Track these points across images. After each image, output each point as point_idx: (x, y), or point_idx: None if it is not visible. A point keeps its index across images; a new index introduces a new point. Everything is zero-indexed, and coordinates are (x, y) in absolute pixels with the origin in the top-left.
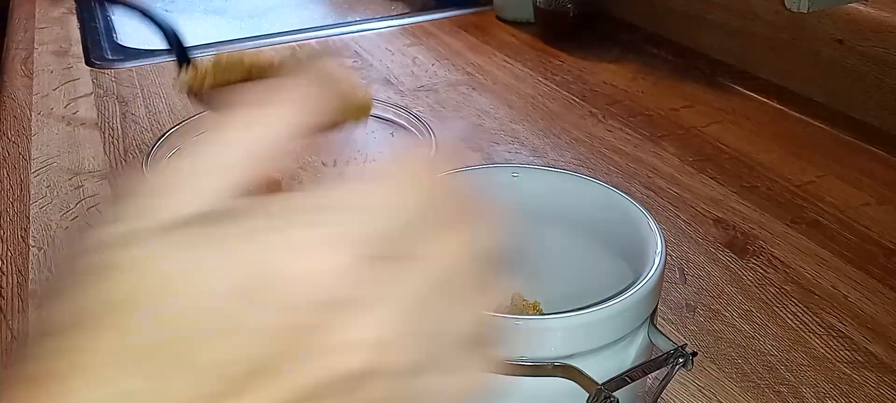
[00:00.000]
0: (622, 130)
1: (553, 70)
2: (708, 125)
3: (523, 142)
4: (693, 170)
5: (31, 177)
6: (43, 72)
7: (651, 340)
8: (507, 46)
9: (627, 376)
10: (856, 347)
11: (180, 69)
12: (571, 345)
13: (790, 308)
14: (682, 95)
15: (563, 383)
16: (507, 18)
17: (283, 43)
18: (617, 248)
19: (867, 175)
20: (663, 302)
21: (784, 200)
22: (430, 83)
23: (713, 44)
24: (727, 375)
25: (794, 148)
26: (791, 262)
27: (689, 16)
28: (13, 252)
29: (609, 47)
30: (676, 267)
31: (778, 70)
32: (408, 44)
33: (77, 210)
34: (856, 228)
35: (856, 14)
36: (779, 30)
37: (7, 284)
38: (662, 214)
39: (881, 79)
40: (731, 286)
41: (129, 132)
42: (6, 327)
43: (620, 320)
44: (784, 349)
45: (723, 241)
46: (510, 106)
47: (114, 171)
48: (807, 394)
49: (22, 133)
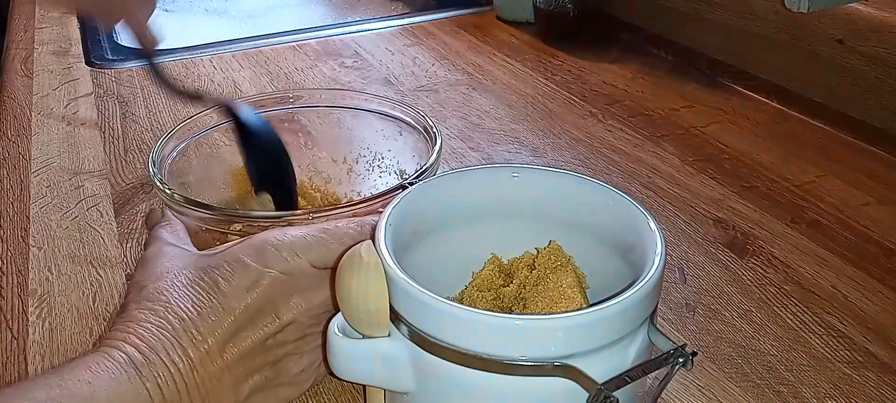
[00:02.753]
0: (622, 130)
1: (553, 70)
2: (708, 125)
3: (523, 142)
4: (693, 170)
5: (31, 176)
6: (43, 72)
7: (651, 340)
8: (507, 46)
9: (627, 376)
10: (856, 347)
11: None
12: (571, 345)
13: (790, 308)
14: (682, 95)
15: (563, 383)
16: (507, 18)
17: (283, 43)
18: (617, 248)
19: (867, 175)
20: (663, 302)
21: (784, 200)
22: (430, 83)
23: (713, 44)
24: (727, 375)
25: (794, 148)
26: (791, 262)
27: (689, 16)
28: (13, 252)
29: (609, 47)
30: (676, 267)
31: (778, 70)
32: (408, 44)
33: (77, 210)
34: (856, 228)
35: (856, 14)
36: (779, 30)
37: (7, 284)
38: (662, 214)
39: (881, 79)
40: (731, 286)
41: (129, 132)
42: (6, 327)
43: (620, 320)
44: (784, 349)
45: (723, 241)
46: (510, 106)
47: (114, 171)
48: (807, 394)
49: (22, 133)
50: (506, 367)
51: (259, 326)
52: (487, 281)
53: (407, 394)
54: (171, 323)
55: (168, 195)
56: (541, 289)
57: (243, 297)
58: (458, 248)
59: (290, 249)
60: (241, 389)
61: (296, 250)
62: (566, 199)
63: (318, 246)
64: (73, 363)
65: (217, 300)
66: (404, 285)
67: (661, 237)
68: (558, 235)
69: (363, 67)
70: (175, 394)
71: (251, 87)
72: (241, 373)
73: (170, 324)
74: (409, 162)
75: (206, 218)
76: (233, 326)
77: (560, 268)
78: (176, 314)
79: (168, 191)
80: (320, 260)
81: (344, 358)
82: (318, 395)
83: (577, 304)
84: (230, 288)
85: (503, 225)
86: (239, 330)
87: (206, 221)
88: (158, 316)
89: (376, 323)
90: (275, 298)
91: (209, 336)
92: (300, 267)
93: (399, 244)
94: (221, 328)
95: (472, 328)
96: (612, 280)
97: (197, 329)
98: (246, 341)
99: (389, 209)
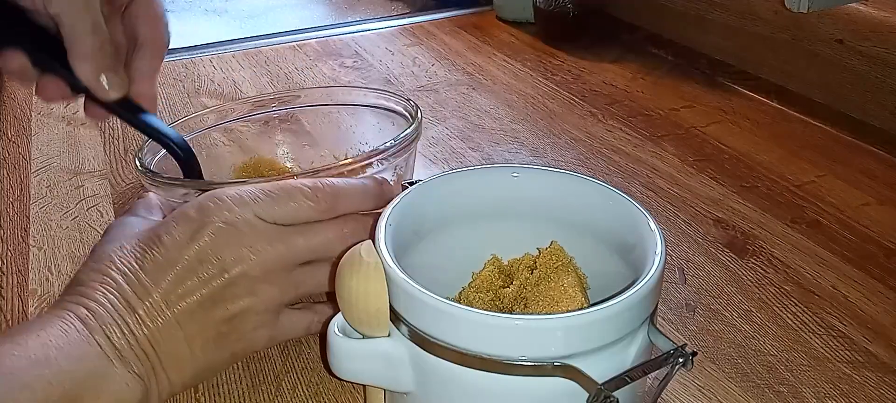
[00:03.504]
0: (622, 130)
1: (553, 70)
2: (708, 125)
3: (523, 142)
4: (693, 170)
5: (31, 176)
6: None
7: (651, 340)
8: (507, 46)
9: (627, 376)
10: (856, 347)
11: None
12: (571, 345)
13: (790, 308)
14: (682, 95)
15: (563, 383)
16: (507, 18)
17: (283, 43)
18: (617, 248)
19: (867, 175)
20: (663, 302)
21: (784, 200)
22: (430, 83)
23: (713, 44)
24: (727, 375)
25: (794, 148)
26: (791, 262)
27: (689, 16)
28: (13, 252)
29: (609, 47)
30: (676, 267)
31: (778, 70)
32: (408, 44)
33: (77, 210)
34: (856, 228)
35: (856, 14)
36: (779, 30)
37: (7, 284)
38: (662, 214)
39: (881, 79)
40: (731, 286)
41: (130, 132)
42: (6, 327)
43: (620, 320)
44: (784, 349)
45: (723, 241)
46: (510, 106)
47: (114, 171)
48: (807, 394)
49: (22, 133)
50: (506, 367)
51: (204, 278)
52: (487, 282)
53: (407, 394)
54: (115, 279)
55: (142, 172)
56: (542, 289)
57: (185, 248)
58: (457, 248)
59: (236, 200)
60: (194, 343)
61: (241, 201)
62: (566, 199)
63: (265, 199)
64: (26, 325)
65: (159, 253)
66: (404, 285)
67: (661, 237)
68: (558, 235)
69: (363, 67)
70: (126, 346)
71: (251, 87)
72: (194, 328)
73: (114, 281)
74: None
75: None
76: (176, 278)
77: (561, 269)
78: (119, 270)
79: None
80: (268, 213)
81: (344, 358)
82: (318, 395)
83: (579, 304)
84: (172, 240)
85: (503, 225)
86: (182, 281)
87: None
88: (102, 274)
89: (376, 323)
90: (219, 249)
91: (153, 290)
92: (246, 218)
93: (399, 244)
94: (165, 280)
95: (472, 328)
96: (613, 280)
97: (140, 282)
98: (193, 294)
99: (389, 209)
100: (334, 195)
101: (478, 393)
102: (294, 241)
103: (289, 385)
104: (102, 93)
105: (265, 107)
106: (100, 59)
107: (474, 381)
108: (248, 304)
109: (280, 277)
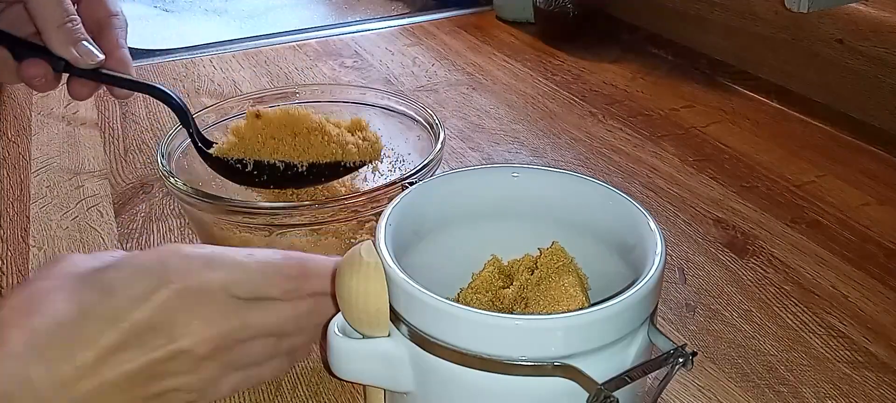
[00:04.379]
0: (622, 130)
1: (553, 70)
2: (708, 125)
3: (523, 142)
4: (693, 170)
5: (31, 177)
6: None
7: (651, 340)
8: (507, 46)
9: (627, 376)
10: (856, 347)
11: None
12: (571, 345)
13: (790, 308)
14: (682, 95)
15: (563, 383)
16: (507, 18)
17: (283, 43)
18: (617, 248)
19: (867, 175)
20: (663, 302)
21: (784, 200)
22: (430, 83)
23: (713, 44)
24: (727, 375)
25: (794, 148)
26: (791, 262)
27: (689, 16)
28: (13, 252)
29: (609, 47)
30: (676, 267)
31: (778, 70)
32: (408, 44)
33: (77, 210)
34: (856, 228)
35: (856, 14)
36: (779, 30)
37: (7, 284)
38: (662, 214)
39: (881, 79)
40: (731, 286)
41: (129, 132)
42: None
43: (620, 320)
44: (784, 349)
45: (723, 241)
46: (510, 106)
47: (114, 171)
48: (807, 394)
49: (22, 133)
50: (506, 367)
51: (148, 347)
52: (486, 282)
53: (407, 394)
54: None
55: (175, 186)
56: (543, 289)
57: (134, 308)
58: (457, 248)
59: (205, 263)
60: None
61: (210, 266)
62: (566, 199)
63: (238, 271)
64: None
65: (106, 306)
66: (404, 285)
67: (661, 237)
68: (558, 235)
69: (363, 67)
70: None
71: (251, 87)
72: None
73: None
74: (415, 158)
75: (216, 210)
76: (116, 339)
77: (562, 269)
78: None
79: (182, 186)
80: (238, 287)
81: (344, 358)
82: (318, 395)
83: (580, 304)
84: (123, 294)
85: (503, 226)
86: (123, 346)
87: (216, 212)
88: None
89: (376, 323)
90: (173, 317)
91: (86, 348)
92: (209, 286)
93: (399, 244)
94: (104, 339)
95: (472, 328)
96: (613, 280)
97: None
98: (129, 363)
99: (389, 209)
100: (303, 276)
101: (478, 393)
102: (250, 318)
103: (289, 385)
104: (81, 61)
105: (265, 104)
106: (71, 30)
107: (474, 381)
108: (182, 383)
109: (224, 355)
